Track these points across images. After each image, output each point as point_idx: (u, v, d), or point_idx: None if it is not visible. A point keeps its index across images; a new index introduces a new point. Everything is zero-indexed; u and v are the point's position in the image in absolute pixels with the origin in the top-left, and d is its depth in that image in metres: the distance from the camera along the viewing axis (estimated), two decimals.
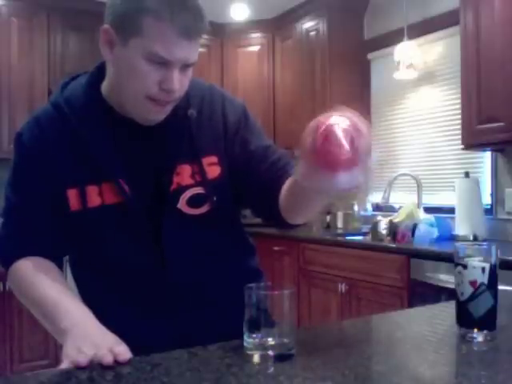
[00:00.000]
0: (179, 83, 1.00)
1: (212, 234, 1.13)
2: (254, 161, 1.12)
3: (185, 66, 1.00)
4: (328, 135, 0.78)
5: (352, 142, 0.78)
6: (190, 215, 1.09)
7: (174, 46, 0.96)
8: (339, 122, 0.79)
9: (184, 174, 1.09)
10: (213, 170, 1.11)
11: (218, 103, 1.16)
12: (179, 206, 1.08)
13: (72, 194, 1.05)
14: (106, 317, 0.96)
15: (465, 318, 0.90)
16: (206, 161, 1.11)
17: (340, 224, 3.86)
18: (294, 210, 1.05)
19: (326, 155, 0.78)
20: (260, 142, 1.15)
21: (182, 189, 1.08)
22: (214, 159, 1.12)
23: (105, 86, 1.09)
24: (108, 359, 0.79)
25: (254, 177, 1.12)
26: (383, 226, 3.14)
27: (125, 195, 1.04)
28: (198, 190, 1.09)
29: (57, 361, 3.41)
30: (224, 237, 1.16)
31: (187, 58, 0.99)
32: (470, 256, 0.90)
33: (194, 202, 1.09)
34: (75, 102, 1.07)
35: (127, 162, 1.06)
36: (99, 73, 1.10)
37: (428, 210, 3.25)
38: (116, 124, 1.08)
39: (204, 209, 1.10)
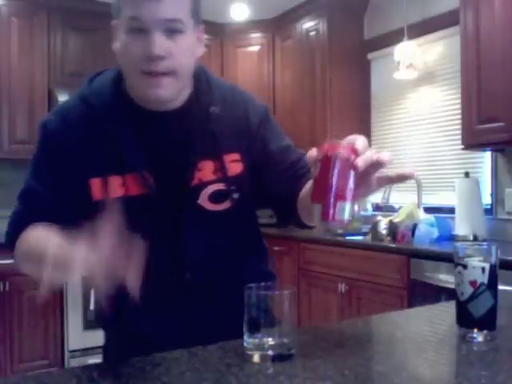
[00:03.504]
0: (162, 48, 0.97)
1: (231, 232, 1.13)
2: (275, 161, 1.13)
3: (172, 32, 0.99)
4: (322, 166, 0.79)
5: (347, 176, 0.78)
6: (211, 211, 1.09)
7: (141, 3, 0.96)
8: (343, 152, 0.79)
9: (206, 169, 1.09)
10: (235, 167, 1.12)
11: (240, 103, 1.16)
12: (200, 201, 1.08)
13: (95, 184, 1.05)
14: (118, 308, 0.98)
15: (465, 318, 0.90)
16: (228, 158, 1.11)
17: None
18: (309, 212, 1.06)
19: (315, 185, 0.81)
20: (281, 142, 1.16)
21: (204, 184, 1.08)
22: (236, 156, 1.12)
23: (124, 81, 1.10)
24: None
25: (274, 176, 1.13)
26: (383, 226, 3.14)
27: (149, 187, 1.04)
28: (220, 186, 1.09)
29: (57, 361, 3.41)
30: (242, 237, 1.16)
31: (158, 15, 0.96)
32: (469, 256, 0.90)
33: (215, 197, 1.09)
34: (102, 95, 1.08)
35: (151, 155, 1.06)
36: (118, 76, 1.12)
37: (428, 209, 3.25)
38: (140, 117, 1.08)
39: (225, 205, 1.10)
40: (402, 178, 0.89)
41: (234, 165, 1.12)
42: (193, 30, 1.03)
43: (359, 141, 0.82)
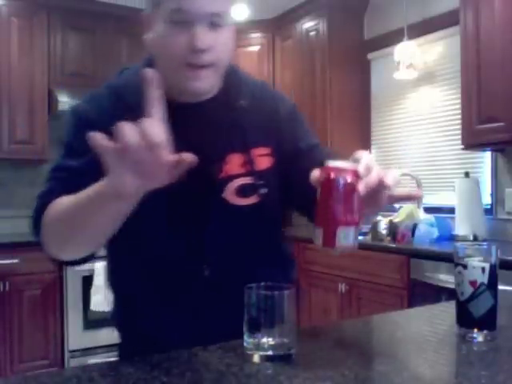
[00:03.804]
0: (207, 41, 0.97)
1: (255, 230, 1.10)
2: (303, 158, 1.11)
3: (214, 25, 0.98)
4: (324, 189, 0.77)
5: (350, 201, 0.75)
6: (236, 206, 1.06)
7: None
8: (345, 176, 0.76)
9: (233, 163, 1.07)
10: (264, 161, 1.10)
11: (269, 99, 1.15)
12: (225, 195, 1.05)
13: None
14: (132, 302, 1.02)
15: (465, 318, 0.90)
16: (256, 152, 1.09)
17: None
18: None
19: (317, 208, 0.78)
20: (310, 139, 1.15)
21: (230, 178, 1.06)
22: (265, 150, 1.10)
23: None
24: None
25: (301, 175, 1.08)
26: (383, 226, 3.15)
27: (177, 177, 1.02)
28: (247, 179, 1.07)
29: (57, 361, 3.41)
30: (265, 237, 1.13)
31: (204, 8, 0.96)
32: (469, 256, 0.90)
33: (242, 191, 1.07)
34: (129, 87, 1.07)
35: (179, 145, 1.04)
36: (150, 61, 1.08)
37: (428, 209, 3.25)
38: (169, 107, 1.06)
39: (251, 200, 1.07)
40: (409, 199, 0.88)
41: (263, 159, 1.10)
42: (231, 23, 1.03)
43: (363, 162, 0.80)
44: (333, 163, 0.78)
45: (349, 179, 0.75)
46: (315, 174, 0.81)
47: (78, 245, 0.96)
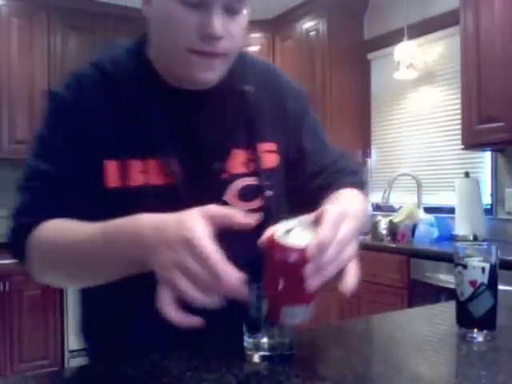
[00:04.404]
0: (223, 29, 0.83)
1: (255, 240, 0.94)
2: (305, 160, 1.01)
3: (231, 11, 0.85)
4: (267, 263, 0.67)
5: (297, 282, 0.64)
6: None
7: None
8: (292, 257, 0.64)
9: (236, 160, 0.93)
10: (269, 159, 0.97)
11: (278, 83, 1.03)
12: (226, 198, 0.92)
13: (110, 167, 0.88)
14: (120, 316, 0.89)
15: (465, 318, 0.90)
16: (262, 147, 0.96)
17: None
18: None
19: (263, 277, 0.69)
20: (316, 139, 1.03)
21: (232, 178, 0.93)
22: (272, 146, 0.97)
23: (151, 52, 0.94)
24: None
25: (301, 179, 1.00)
26: (383, 226, 3.15)
27: (174, 176, 0.88)
28: (251, 180, 0.94)
29: (57, 361, 3.41)
30: None
31: None
32: (469, 256, 0.90)
33: (244, 194, 0.93)
34: (119, 64, 0.94)
35: (178, 138, 0.91)
36: (144, 39, 0.96)
37: (428, 209, 3.25)
38: (165, 93, 0.93)
39: (255, 204, 0.94)
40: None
41: (269, 156, 0.97)
42: (247, 9, 0.89)
43: (319, 236, 0.65)
44: (281, 237, 0.65)
45: (295, 261, 0.64)
46: (263, 239, 0.69)
47: (83, 282, 0.87)
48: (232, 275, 0.64)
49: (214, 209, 0.71)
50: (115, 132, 0.89)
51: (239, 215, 0.71)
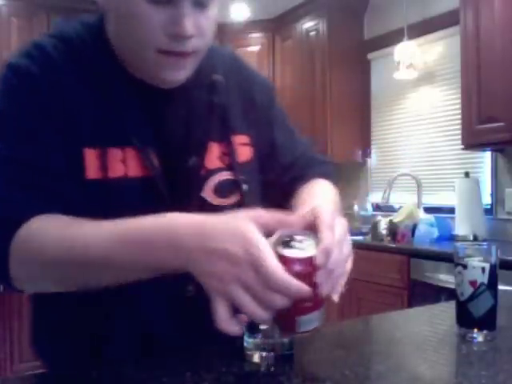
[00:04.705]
0: (193, 25, 0.76)
1: None
2: (276, 153, 0.99)
3: (200, 5, 0.77)
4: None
5: (310, 284, 0.63)
6: (217, 207, 0.87)
7: None
8: (300, 267, 0.63)
9: (213, 154, 0.89)
10: (244, 152, 0.93)
11: (244, 73, 0.99)
12: (204, 194, 0.87)
13: (90, 156, 0.79)
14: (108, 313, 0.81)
15: (465, 318, 0.90)
16: (237, 139, 0.92)
17: None
18: None
19: None
20: (285, 131, 1.02)
21: (209, 173, 0.88)
22: (245, 139, 0.94)
23: (112, 39, 0.85)
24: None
25: (274, 173, 0.99)
26: (383, 226, 3.15)
27: (152, 169, 0.82)
28: (227, 175, 0.90)
29: None
30: None
31: None
32: (469, 256, 0.90)
33: (221, 189, 0.88)
34: (86, 40, 0.84)
35: (153, 130, 0.84)
36: (103, 22, 0.86)
37: (428, 209, 3.25)
38: (134, 87, 0.84)
39: (232, 199, 0.90)
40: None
41: (244, 149, 0.93)
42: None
43: (323, 243, 0.65)
44: (287, 251, 0.64)
45: (304, 270, 0.63)
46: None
47: (82, 286, 0.75)
48: (302, 290, 0.62)
49: (265, 215, 0.67)
50: (92, 116, 0.81)
51: (292, 218, 0.68)
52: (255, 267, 0.61)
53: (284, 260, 0.63)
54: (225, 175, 0.89)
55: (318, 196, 0.89)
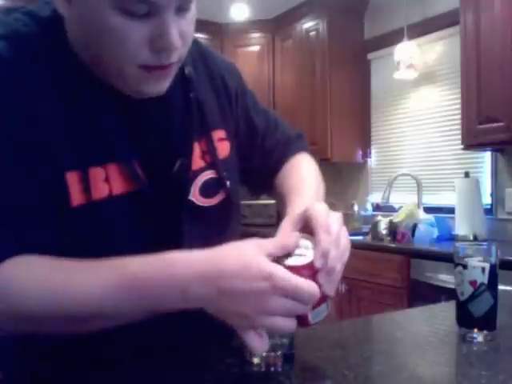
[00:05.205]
0: (178, 34, 0.69)
1: (229, 230, 0.90)
2: (259, 138, 0.99)
3: (181, 10, 0.70)
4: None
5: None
6: (206, 208, 0.84)
7: None
8: (302, 274, 0.66)
9: (195, 154, 0.84)
10: (222, 148, 0.89)
11: (212, 62, 0.93)
12: (191, 197, 0.83)
13: (72, 180, 0.72)
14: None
15: (465, 318, 0.90)
16: (216, 135, 0.88)
17: None
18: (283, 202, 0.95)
19: None
20: (262, 114, 1.02)
21: (194, 174, 0.84)
22: (222, 133, 0.89)
23: (76, 44, 0.75)
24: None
25: (257, 159, 0.99)
26: (383, 226, 3.15)
27: (138, 181, 0.76)
28: (211, 173, 0.86)
29: None
30: (237, 235, 0.91)
31: None
32: (469, 256, 0.90)
33: (206, 189, 0.85)
34: (42, 37, 0.73)
35: (133, 139, 0.78)
36: (60, 21, 0.74)
37: (428, 210, 3.25)
38: (107, 93, 0.76)
39: (219, 197, 0.87)
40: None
41: (223, 144, 0.89)
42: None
43: (319, 245, 0.68)
44: (291, 260, 0.68)
45: (310, 274, 0.67)
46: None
47: (77, 331, 0.70)
48: (314, 291, 0.66)
49: (268, 245, 0.68)
50: (69, 131, 0.72)
51: (291, 240, 0.70)
52: (281, 292, 0.63)
53: (291, 270, 0.66)
54: (208, 174, 0.86)
55: (306, 189, 0.92)
